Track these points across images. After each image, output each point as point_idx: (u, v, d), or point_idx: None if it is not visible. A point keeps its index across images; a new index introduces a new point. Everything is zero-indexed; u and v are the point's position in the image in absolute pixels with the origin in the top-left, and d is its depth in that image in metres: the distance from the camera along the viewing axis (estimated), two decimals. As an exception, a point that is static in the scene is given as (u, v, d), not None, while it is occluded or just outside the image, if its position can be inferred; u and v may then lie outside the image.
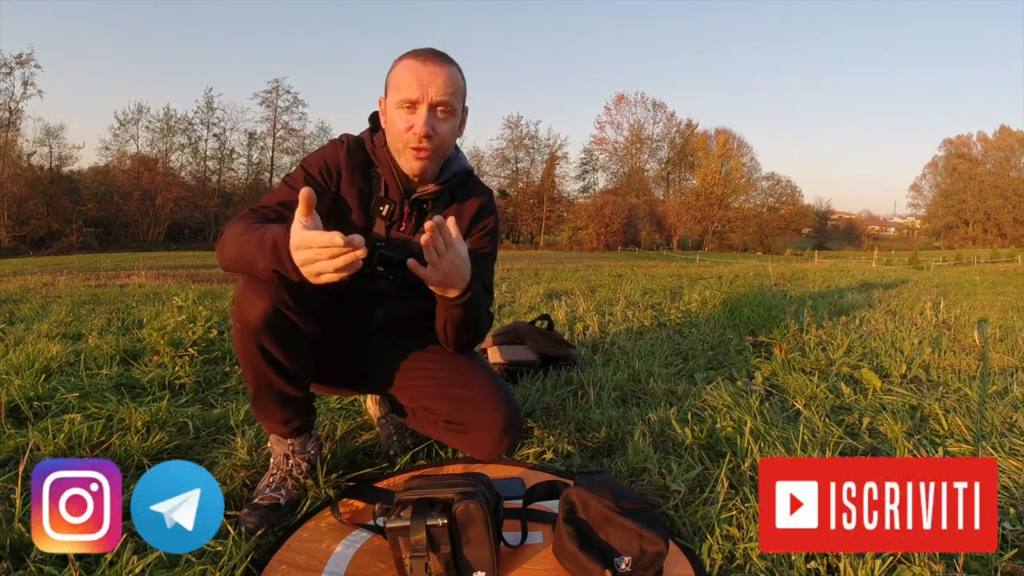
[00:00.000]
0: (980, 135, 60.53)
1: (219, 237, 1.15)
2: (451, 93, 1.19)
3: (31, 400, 1.78)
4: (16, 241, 32.34)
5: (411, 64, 1.19)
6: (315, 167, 1.25)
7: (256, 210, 1.18)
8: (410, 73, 1.18)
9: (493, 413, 1.30)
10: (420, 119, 1.17)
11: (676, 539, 1.14)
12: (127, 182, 38.71)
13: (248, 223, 1.10)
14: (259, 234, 1.03)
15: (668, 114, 56.93)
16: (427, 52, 1.21)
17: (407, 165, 1.24)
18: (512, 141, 51.49)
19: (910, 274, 10.47)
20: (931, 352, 2.63)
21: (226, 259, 1.12)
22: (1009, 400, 1.92)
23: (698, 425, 1.66)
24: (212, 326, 2.67)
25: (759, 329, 3.06)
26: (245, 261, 1.06)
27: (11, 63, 35.67)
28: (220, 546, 1.07)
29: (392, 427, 1.56)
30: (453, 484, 1.03)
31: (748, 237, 55.86)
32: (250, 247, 1.04)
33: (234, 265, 1.11)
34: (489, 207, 1.39)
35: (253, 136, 45.12)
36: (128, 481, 1.26)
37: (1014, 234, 55.50)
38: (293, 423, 1.28)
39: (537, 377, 2.15)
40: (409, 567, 0.98)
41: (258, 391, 1.22)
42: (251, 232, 1.05)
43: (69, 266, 13.34)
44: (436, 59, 1.19)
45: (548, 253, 36.70)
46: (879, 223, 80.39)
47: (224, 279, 7.23)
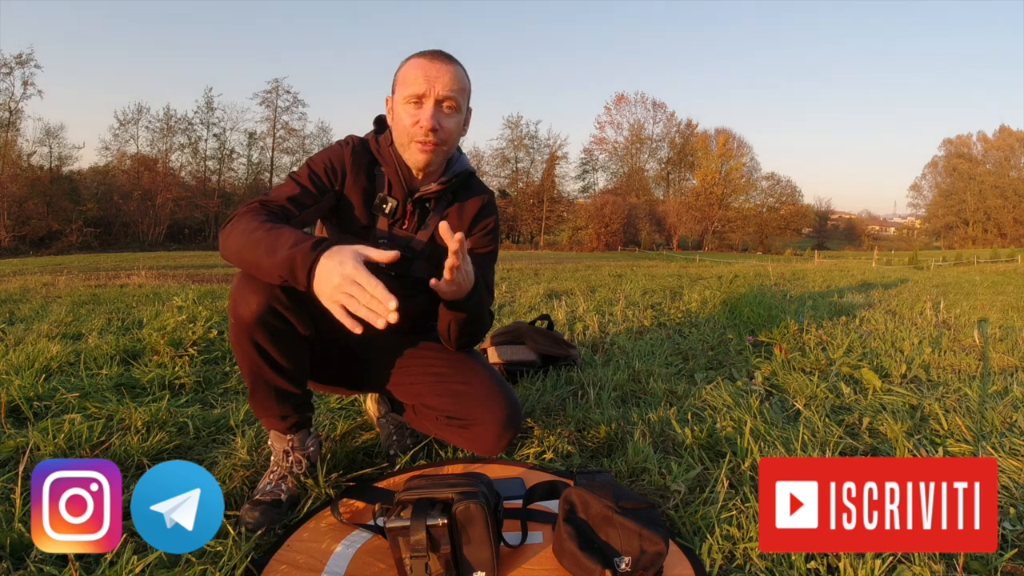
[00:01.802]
0: (980, 135, 60.59)
1: (225, 224, 1.14)
2: (457, 90, 1.23)
3: (31, 400, 1.78)
4: (16, 241, 32.35)
5: (419, 62, 1.22)
6: (321, 166, 1.27)
7: (266, 204, 1.18)
8: (418, 70, 1.21)
9: (494, 408, 1.31)
10: (426, 113, 1.20)
11: (676, 539, 1.14)
12: (127, 182, 38.73)
13: (259, 219, 1.10)
14: (271, 239, 1.03)
15: (668, 114, 57.04)
16: (434, 51, 1.25)
17: (412, 158, 1.26)
18: (512, 141, 51.55)
19: (910, 274, 10.47)
20: (931, 352, 2.63)
21: (229, 251, 1.12)
22: (1009, 400, 1.92)
23: (698, 425, 1.66)
24: (212, 326, 2.67)
25: (759, 329, 3.06)
26: (250, 261, 1.07)
27: (11, 63, 35.76)
28: (220, 546, 1.07)
29: (392, 426, 1.56)
30: (453, 484, 1.03)
31: (748, 237, 55.85)
32: (259, 250, 1.04)
33: (236, 259, 1.11)
34: (490, 207, 1.41)
35: (253, 136, 45.20)
36: (128, 481, 1.26)
37: (1014, 234, 55.50)
38: (291, 418, 1.28)
39: (537, 377, 2.15)
40: (409, 567, 0.98)
41: (254, 386, 1.23)
42: (263, 233, 1.05)
43: (69, 266, 13.35)
44: (443, 58, 1.24)
45: (548, 253, 36.70)
46: (879, 223, 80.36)
47: (224, 279, 7.23)
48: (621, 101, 56.72)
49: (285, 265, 1.00)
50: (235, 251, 1.10)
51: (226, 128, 44.61)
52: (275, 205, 1.18)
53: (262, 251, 1.03)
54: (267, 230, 1.06)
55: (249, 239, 1.07)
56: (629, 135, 56.65)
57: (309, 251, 0.98)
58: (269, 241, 1.03)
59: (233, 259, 1.12)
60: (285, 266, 1.00)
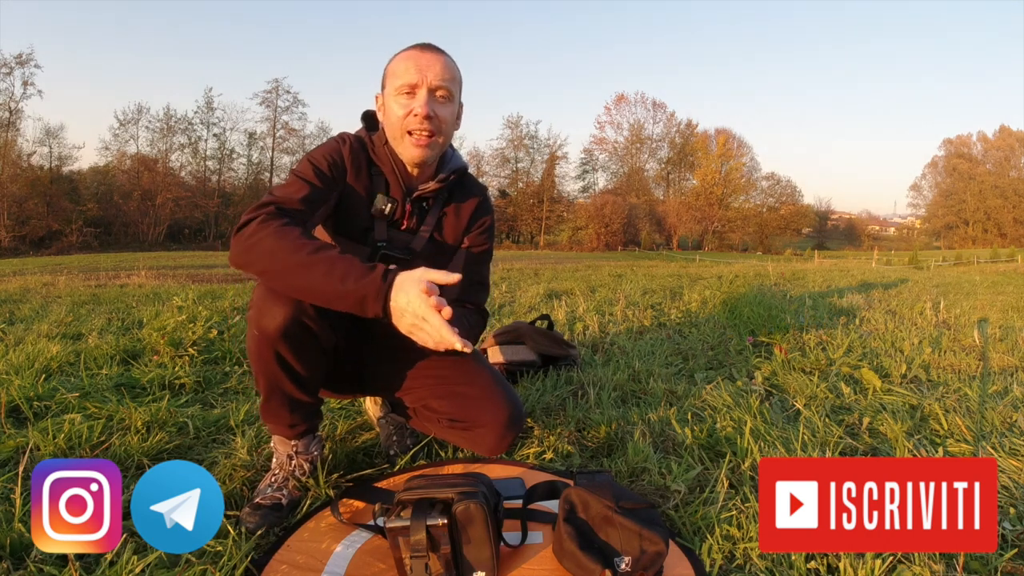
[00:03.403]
0: (980, 135, 60.59)
1: (241, 229, 1.08)
2: (449, 79, 1.21)
3: (31, 400, 1.78)
4: (16, 241, 32.36)
5: (409, 53, 1.21)
6: (324, 162, 1.23)
7: (282, 209, 1.13)
8: (408, 61, 1.20)
9: (495, 409, 1.30)
10: (420, 101, 1.19)
11: (676, 539, 1.14)
12: (127, 182, 38.75)
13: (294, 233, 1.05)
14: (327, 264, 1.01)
15: (668, 114, 57.01)
16: (423, 44, 1.23)
17: (407, 153, 1.24)
18: (512, 141, 51.52)
19: (910, 274, 10.46)
20: (931, 352, 2.63)
21: (256, 264, 1.07)
22: (1009, 400, 1.91)
23: (698, 425, 1.66)
24: (212, 326, 2.67)
25: (759, 329, 3.06)
26: (300, 287, 1.04)
27: (11, 63, 35.76)
28: (220, 546, 1.07)
29: (392, 427, 1.56)
30: (453, 484, 1.03)
31: (748, 237, 55.84)
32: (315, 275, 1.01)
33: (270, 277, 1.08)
34: (486, 205, 1.40)
35: (253, 136, 45.21)
36: (128, 481, 1.26)
37: (1014, 234, 55.50)
38: (300, 427, 1.28)
39: (537, 377, 2.15)
40: (409, 567, 0.98)
41: (269, 397, 1.22)
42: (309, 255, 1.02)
43: (69, 266, 13.35)
44: (433, 49, 1.22)
45: (548, 253, 36.69)
46: (879, 223, 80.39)
47: (224, 279, 7.23)
48: (621, 101, 56.77)
49: (353, 297, 1.00)
50: (271, 269, 1.05)
51: (226, 128, 44.70)
52: (292, 209, 1.14)
53: (321, 278, 1.01)
54: (312, 251, 1.02)
55: (294, 260, 1.02)
56: (629, 135, 56.69)
57: (380, 284, 1.00)
58: (326, 267, 1.01)
59: (264, 275, 1.08)
60: (353, 298, 1.01)
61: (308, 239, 1.06)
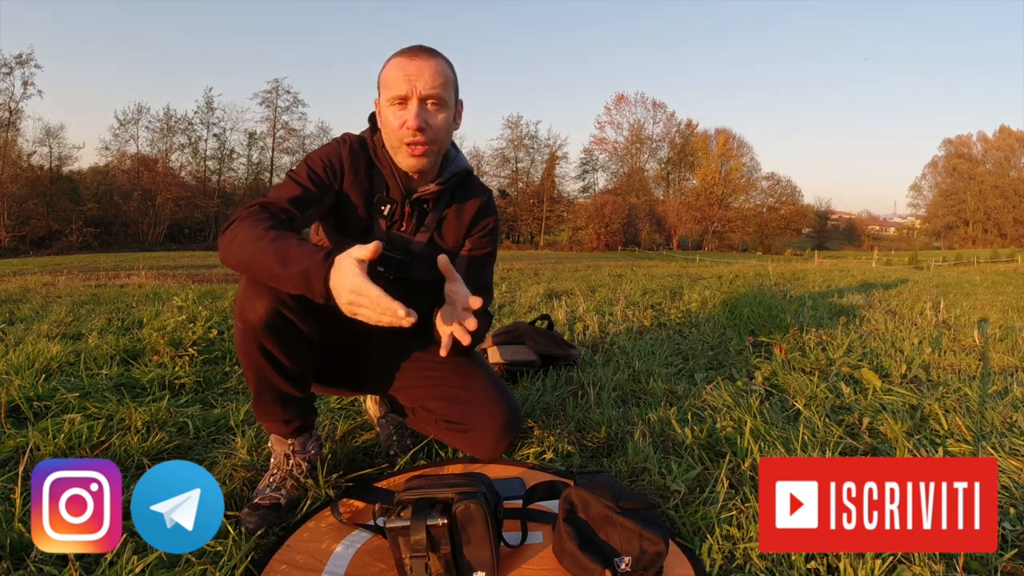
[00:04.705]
0: (980, 135, 60.57)
1: (226, 228, 1.11)
2: (440, 85, 1.19)
3: (31, 400, 1.78)
4: (16, 241, 32.36)
5: (398, 61, 1.19)
6: (320, 164, 1.24)
7: (267, 207, 1.15)
8: (398, 70, 1.18)
9: (492, 413, 1.30)
10: (411, 113, 1.17)
11: (676, 539, 1.14)
12: (127, 182, 38.73)
13: (264, 226, 1.07)
14: (280, 250, 1.01)
15: (668, 114, 56.98)
16: (413, 48, 1.21)
17: (404, 163, 1.24)
18: (512, 141, 51.51)
19: (910, 274, 10.46)
20: (931, 352, 2.63)
21: (232, 258, 1.09)
22: (1009, 400, 1.92)
23: (698, 425, 1.66)
24: (212, 326, 2.67)
25: (759, 329, 3.06)
26: (260, 270, 1.05)
27: (11, 63, 35.73)
28: (220, 546, 1.07)
29: (392, 427, 1.56)
30: (453, 484, 1.03)
31: (748, 237, 55.83)
32: (268, 260, 1.02)
33: (242, 268, 1.09)
34: (489, 207, 1.39)
35: (253, 136, 45.16)
36: (128, 481, 1.26)
37: (1014, 234, 55.50)
38: (294, 423, 1.28)
39: (537, 377, 2.15)
40: (409, 567, 0.98)
41: (259, 391, 1.22)
42: (269, 243, 1.03)
43: (69, 266, 13.35)
44: (423, 53, 1.19)
45: (548, 253, 36.70)
46: (879, 223, 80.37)
47: (224, 279, 7.23)
48: (621, 101, 56.75)
49: (302, 283, 1.00)
50: (241, 260, 1.07)
51: (226, 128, 44.64)
52: (277, 208, 1.15)
53: (272, 263, 1.01)
54: (272, 239, 1.03)
55: (256, 248, 1.04)
56: (629, 135, 56.66)
57: (321, 264, 0.98)
58: (278, 254, 1.01)
59: (239, 267, 1.10)
60: (302, 284, 1.00)
61: (274, 230, 1.06)
